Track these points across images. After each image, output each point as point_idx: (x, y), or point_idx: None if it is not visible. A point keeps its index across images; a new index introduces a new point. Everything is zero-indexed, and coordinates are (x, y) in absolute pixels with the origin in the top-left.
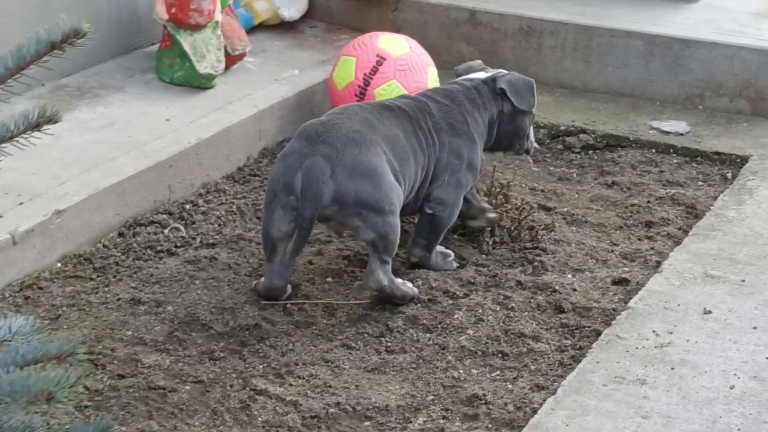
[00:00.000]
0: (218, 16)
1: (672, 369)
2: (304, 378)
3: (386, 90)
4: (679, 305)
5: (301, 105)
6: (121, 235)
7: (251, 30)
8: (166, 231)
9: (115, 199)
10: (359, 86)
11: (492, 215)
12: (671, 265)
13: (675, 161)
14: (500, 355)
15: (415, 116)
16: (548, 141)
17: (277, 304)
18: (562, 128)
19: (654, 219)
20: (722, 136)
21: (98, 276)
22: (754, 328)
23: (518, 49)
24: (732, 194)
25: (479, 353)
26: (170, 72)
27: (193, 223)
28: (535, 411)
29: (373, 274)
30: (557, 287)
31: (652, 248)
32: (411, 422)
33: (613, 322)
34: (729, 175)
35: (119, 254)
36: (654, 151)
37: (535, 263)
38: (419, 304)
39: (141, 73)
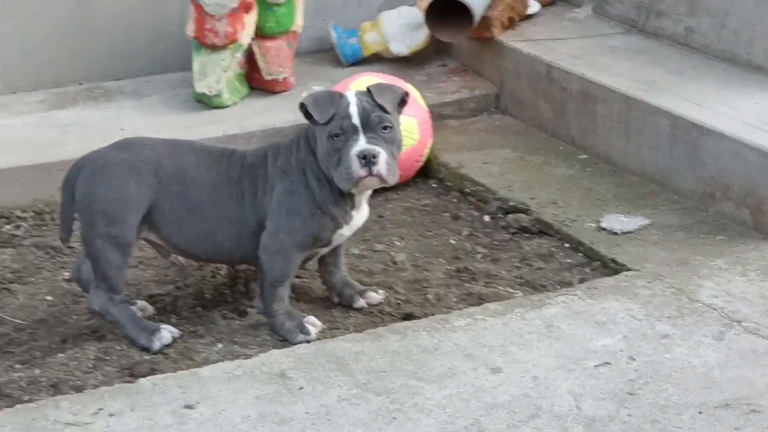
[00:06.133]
0: (243, 39)
1: None
2: None
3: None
4: None
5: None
6: None
7: (364, 60)
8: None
9: None
10: None
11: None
12: None
13: (568, 261)
14: None
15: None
16: (498, 216)
17: None
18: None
19: None
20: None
21: None
22: None
23: (579, 114)
24: None
25: None
26: (192, 89)
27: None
28: None
29: (92, 291)
30: None
31: None
32: None
33: None
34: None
35: None
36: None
37: None
38: None
39: (185, 87)
